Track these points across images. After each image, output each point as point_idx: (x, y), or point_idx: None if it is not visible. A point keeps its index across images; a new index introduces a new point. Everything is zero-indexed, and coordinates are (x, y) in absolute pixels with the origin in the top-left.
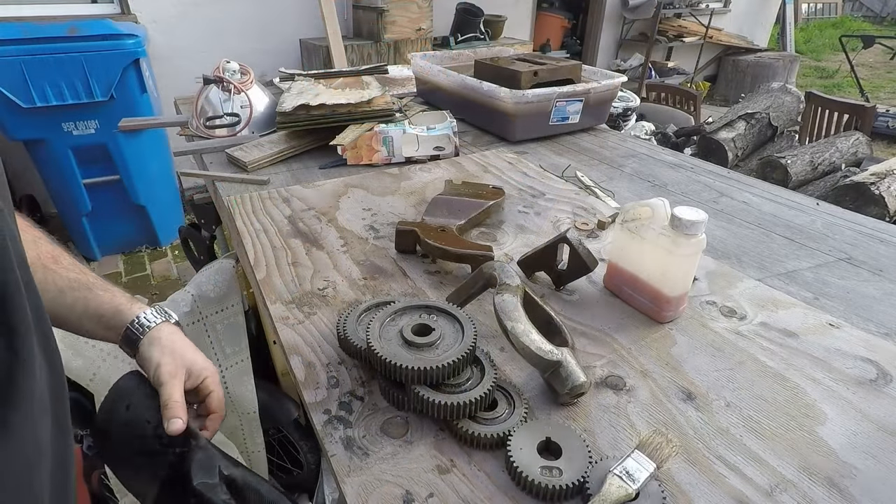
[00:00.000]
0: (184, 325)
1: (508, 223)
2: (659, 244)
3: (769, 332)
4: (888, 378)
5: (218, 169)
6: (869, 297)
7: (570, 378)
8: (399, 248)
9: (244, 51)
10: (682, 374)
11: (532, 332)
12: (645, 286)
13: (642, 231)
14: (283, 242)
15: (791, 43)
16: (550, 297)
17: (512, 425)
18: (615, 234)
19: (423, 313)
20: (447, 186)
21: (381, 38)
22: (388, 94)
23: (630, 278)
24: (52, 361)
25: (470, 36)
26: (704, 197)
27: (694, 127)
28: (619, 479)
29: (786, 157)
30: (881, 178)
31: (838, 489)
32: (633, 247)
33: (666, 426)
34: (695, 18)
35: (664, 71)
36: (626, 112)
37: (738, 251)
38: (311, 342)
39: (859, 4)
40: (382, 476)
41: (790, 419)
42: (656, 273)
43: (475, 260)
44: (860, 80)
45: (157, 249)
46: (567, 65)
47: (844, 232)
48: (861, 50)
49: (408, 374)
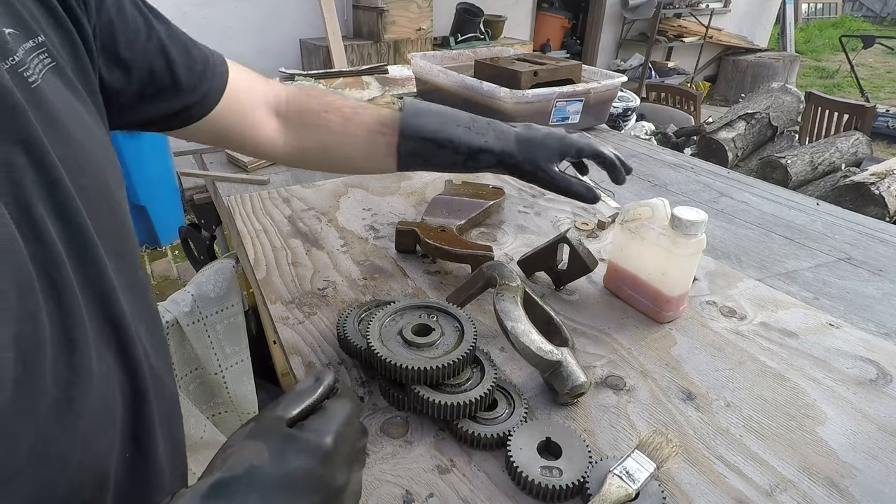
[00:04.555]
0: (184, 325)
1: (508, 223)
2: (659, 244)
3: (769, 332)
4: (888, 378)
5: (218, 169)
6: (869, 297)
7: (570, 378)
8: (399, 248)
9: (244, 51)
10: (682, 374)
11: (532, 332)
12: (645, 286)
13: (642, 231)
14: (283, 242)
15: (791, 43)
16: (550, 297)
17: (512, 425)
18: (615, 234)
19: (423, 313)
20: (447, 186)
21: (381, 38)
22: (388, 94)
23: (630, 278)
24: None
25: (470, 36)
26: (704, 197)
27: (694, 127)
28: (619, 479)
29: (786, 157)
30: (881, 178)
31: (838, 489)
32: (633, 247)
33: (666, 426)
34: (695, 18)
35: (664, 71)
36: (626, 112)
37: (738, 251)
38: (311, 342)
39: (859, 4)
40: (382, 476)
41: (790, 419)
42: (656, 273)
43: (475, 260)
44: (860, 80)
45: (157, 249)
46: (567, 65)
47: (844, 232)
48: (861, 50)
49: (408, 374)
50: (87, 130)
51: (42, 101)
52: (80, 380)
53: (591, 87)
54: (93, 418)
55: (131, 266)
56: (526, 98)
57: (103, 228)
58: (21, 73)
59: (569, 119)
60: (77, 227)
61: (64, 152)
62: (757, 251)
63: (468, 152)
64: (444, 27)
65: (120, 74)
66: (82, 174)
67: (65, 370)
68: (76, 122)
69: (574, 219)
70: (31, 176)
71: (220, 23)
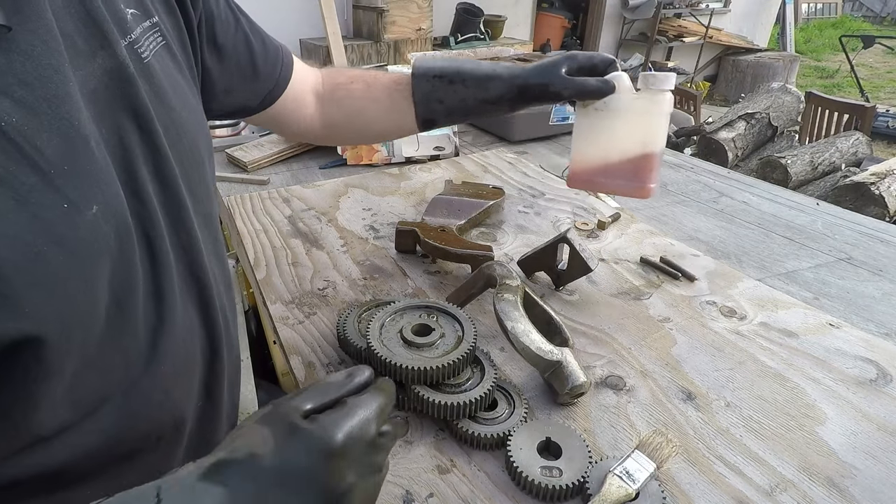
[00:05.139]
0: None
1: (508, 223)
2: (634, 110)
3: (769, 332)
4: (888, 378)
5: (218, 169)
6: (869, 297)
7: (570, 378)
8: (399, 248)
9: None
10: (682, 374)
11: (532, 332)
12: (621, 165)
13: (612, 104)
14: (283, 242)
15: (791, 43)
16: (550, 297)
17: (512, 425)
18: (576, 125)
19: (423, 313)
20: (447, 186)
21: (381, 38)
22: None
23: (601, 165)
24: (211, 331)
25: (470, 36)
26: (704, 197)
27: (694, 127)
28: (619, 479)
29: (786, 157)
30: (881, 178)
31: (838, 489)
32: (603, 127)
33: (666, 426)
34: (695, 18)
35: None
36: None
37: (738, 251)
38: (310, 342)
39: (859, 4)
40: None
41: (790, 419)
42: (635, 143)
43: (475, 260)
44: (860, 80)
45: None
46: None
47: (844, 232)
48: (861, 50)
49: (408, 374)
50: (188, 104)
51: (152, 76)
52: (166, 328)
53: None
54: (174, 366)
55: (215, 229)
56: None
57: (193, 192)
58: (136, 49)
59: (569, 118)
60: (172, 189)
61: (167, 122)
62: (757, 251)
63: (478, 82)
64: (444, 27)
65: (217, 59)
66: (180, 142)
67: (153, 316)
68: (179, 96)
69: (574, 219)
70: (137, 141)
71: None
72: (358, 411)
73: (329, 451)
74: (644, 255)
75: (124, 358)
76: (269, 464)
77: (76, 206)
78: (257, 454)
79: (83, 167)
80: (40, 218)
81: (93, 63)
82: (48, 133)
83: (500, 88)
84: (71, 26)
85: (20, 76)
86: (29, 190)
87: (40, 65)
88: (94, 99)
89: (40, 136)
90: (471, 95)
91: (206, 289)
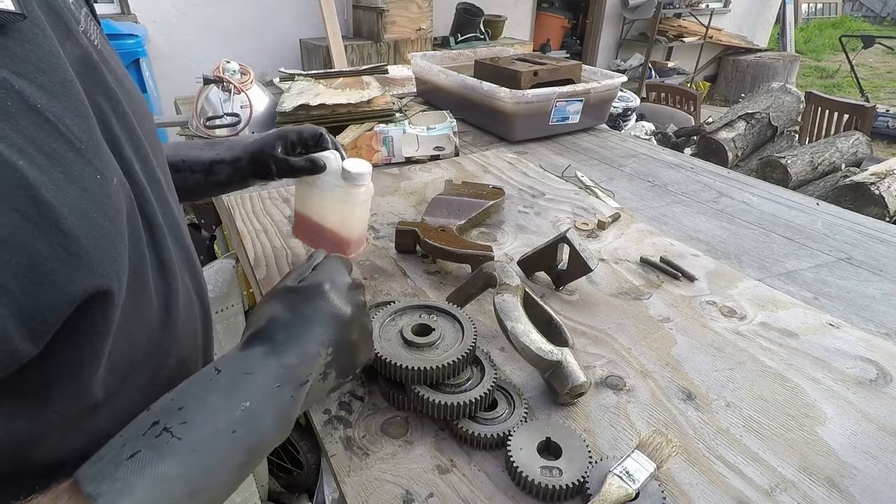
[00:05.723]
0: None
1: (508, 223)
2: (335, 196)
3: (769, 332)
4: (888, 378)
5: None
6: (869, 297)
7: (570, 378)
8: (399, 248)
9: (244, 51)
10: (682, 374)
11: (532, 332)
12: (329, 233)
13: (319, 183)
14: (283, 242)
15: (791, 43)
16: (550, 297)
17: (512, 425)
18: (297, 188)
19: (423, 313)
20: (447, 186)
21: (381, 38)
22: (388, 94)
23: (315, 226)
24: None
25: (470, 36)
26: (704, 197)
27: (694, 127)
28: (619, 479)
29: (786, 157)
30: (881, 178)
31: (838, 489)
32: (314, 197)
33: (666, 426)
34: (695, 18)
35: (664, 71)
36: (626, 112)
37: (738, 251)
38: None
39: (859, 4)
40: (382, 476)
41: (790, 419)
42: (335, 223)
43: (475, 260)
44: (860, 80)
45: None
46: (567, 65)
47: (844, 232)
48: (861, 50)
49: (408, 374)
50: (134, 85)
51: (107, 60)
52: (172, 294)
53: (590, 87)
54: (183, 331)
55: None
56: (526, 98)
57: (162, 168)
58: (88, 37)
59: (569, 119)
60: (149, 167)
61: (131, 105)
62: (757, 251)
63: (203, 168)
64: (444, 27)
65: None
66: (144, 124)
67: (161, 285)
68: (127, 77)
69: (574, 219)
70: (115, 123)
71: (220, 23)
72: (326, 268)
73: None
74: (644, 255)
75: (146, 323)
76: (287, 317)
77: (106, 177)
78: (274, 316)
79: (98, 144)
80: (85, 189)
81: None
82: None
83: (227, 171)
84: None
85: (36, 63)
86: (71, 164)
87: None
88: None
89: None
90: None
91: (192, 256)
